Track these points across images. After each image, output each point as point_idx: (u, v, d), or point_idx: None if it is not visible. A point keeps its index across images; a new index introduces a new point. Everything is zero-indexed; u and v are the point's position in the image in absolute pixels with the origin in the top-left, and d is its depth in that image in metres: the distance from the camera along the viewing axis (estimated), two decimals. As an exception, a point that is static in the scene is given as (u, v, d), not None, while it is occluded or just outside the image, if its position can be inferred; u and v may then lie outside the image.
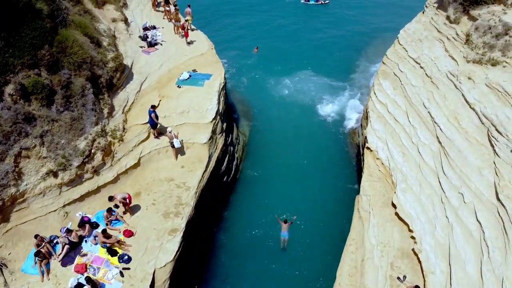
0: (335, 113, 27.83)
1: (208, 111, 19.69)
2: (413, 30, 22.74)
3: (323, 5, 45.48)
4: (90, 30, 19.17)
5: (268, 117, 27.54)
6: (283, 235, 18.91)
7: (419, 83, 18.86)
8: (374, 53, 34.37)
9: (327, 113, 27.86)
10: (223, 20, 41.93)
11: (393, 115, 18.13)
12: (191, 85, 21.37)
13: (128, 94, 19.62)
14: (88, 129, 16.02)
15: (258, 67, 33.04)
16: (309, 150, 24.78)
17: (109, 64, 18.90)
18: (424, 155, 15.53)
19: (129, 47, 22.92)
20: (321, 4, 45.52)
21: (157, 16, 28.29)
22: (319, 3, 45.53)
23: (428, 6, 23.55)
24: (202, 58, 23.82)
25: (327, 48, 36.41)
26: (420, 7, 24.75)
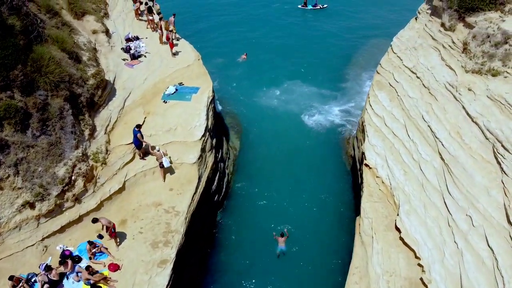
0: (327, 123, 27.02)
1: (196, 127, 18.66)
2: (406, 38, 22.03)
3: (321, 9, 44.65)
4: (68, 44, 17.96)
5: (258, 128, 26.60)
6: (280, 249, 18.37)
7: (416, 95, 18.11)
8: (367, 59, 33.69)
9: (319, 122, 27.02)
10: (210, 26, 40.91)
11: (391, 129, 17.33)
12: (177, 100, 20.31)
13: (111, 112, 18.46)
14: (67, 154, 14.84)
15: (247, 76, 32.06)
16: (301, 162, 23.95)
17: (89, 81, 17.72)
18: (427, 173, 14.73)
19: (111, 60, 21.73)
20: (319, 9, 44.65)
21: (140, 26, 27.13)
22: (317, 8, 44.65)
23: (421, 13, 22.88)
24: (188, 70, 22.76)
25: (319, 54, 35.51)
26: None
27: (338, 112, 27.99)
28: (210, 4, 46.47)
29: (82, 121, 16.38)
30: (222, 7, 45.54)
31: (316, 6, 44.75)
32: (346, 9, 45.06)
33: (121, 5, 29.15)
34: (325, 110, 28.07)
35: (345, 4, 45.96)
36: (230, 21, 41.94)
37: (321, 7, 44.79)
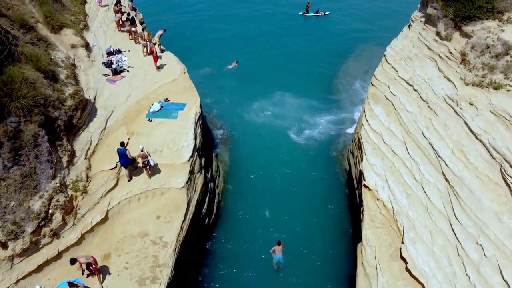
0: (320, 135, 26.12)
1: (184, 148, 17.54)
2: (400, 47, 21.24)
3: (323, 17, 43.70)
4: (43, 63, 16.72)
5: (249, 142, 25.57)
6: (276, 259, 17.80)
7: (414, 109, 17.28)
8: (363, 68, 32.92)
9: (311, 135, 26.11)
10: (201, 32, 39.87)
11: (390, 147, 16.45)
12: (163, 118, 19.17)
13: (92, 134, 17.24)
14: (43, 185, 13.60)
15: (237, 85, 31.00)
16: (294, 176, 23.04)
17: (67, 102, 16.49)
18: (431, 195, 13.86)
19: (91, 76, 20.51)
20: (321, 16, 43.72)
21: (122, 38, 25.92)
22: (319, 15, 43.74)
23: (414, 21, 22.13)
24: (174, 84, 21.63)
25: (313, 62, 34.59)
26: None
27: (330, 124, 27.11)
28: (199, 11, 45.38)
29: (60, 147, 15.14)
30: (213, 12, 44.55)
31: (317, 13, 43.84)
32: (347, 17, 44.13)
33: (102, 15, 27.94)
34: (317, 122, 27.17)
35: (347, 12, 45.08)
36: (222, 28, 40.94)
37: (323, 14, 43.88)
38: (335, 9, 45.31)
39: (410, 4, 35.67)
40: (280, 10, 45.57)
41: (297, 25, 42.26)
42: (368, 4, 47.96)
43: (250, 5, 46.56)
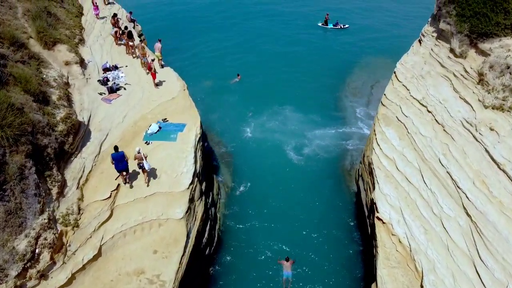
0: (325, 152, 25.05)
1: (183, 174, 16.44)
2: (411, 64, 20.17)
3: (342, 29, 42.25)
4: (33, 84, 15.66)
5: (251, 160, 24.49)
6: (285, 275, 17.19)
7: (429, 133, 16.17)
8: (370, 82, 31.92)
9: (316, 152, 25.04)
10: (202, 43, 38.91)
11: (404, 174, 15.33)
12: (161, 140, 18.09)
13: (85, 161, 16.16)
14: (30, 223, 12.49)
15: (239, 101, 29.98)
16: (299, 197, 22.01)
17: (58, 127, 15.41)
18: (452, 232, 12.73)
19: (86, 95, 19.47)
20: (339, 29, 42.29)
21: (120, 52, 24.91)
22: (338, 28, 42.34)
23: (425, 35, 21.05)
24: (173, 103, 20.58)
25: (320, 77, 33.44)
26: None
27: (336, 140, 26.04)
28: (205, 18, 44.44)
29: (49, 177, 14.04)
30: (218, 22, 43.60)
31: (337, 25, 42.45)
32: (367, 31, 42.50)
33: (99, 28, 26.96)
34: (322, 138, 26.11)
35: (367, 26, 43.42)
36: (226, 38, 39.98)
37: (342, 27, 42.47)
38: (355, 22, 43.66)
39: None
40: (296, 21, 44.37)
41: (310, 37, 40.99)
42: (390, 18, 45.98)
43: (261, 15, 45.54)
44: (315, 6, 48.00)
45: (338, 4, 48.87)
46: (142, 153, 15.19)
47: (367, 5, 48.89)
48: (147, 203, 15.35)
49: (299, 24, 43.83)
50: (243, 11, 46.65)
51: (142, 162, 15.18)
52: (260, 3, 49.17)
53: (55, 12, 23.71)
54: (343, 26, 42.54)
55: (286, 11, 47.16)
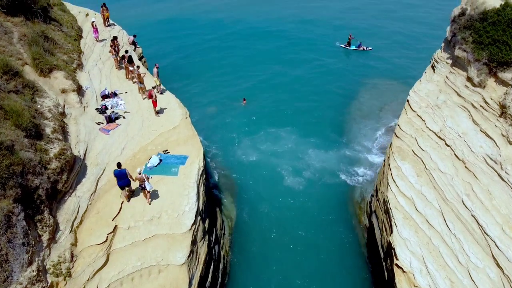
0: (334, 182, 23.98)
1: (185, 213, 15.30)
2: (425, 92, 19.19)
3: (364, 51, 40.84)
4: (25, 118, 14.61)
5: (256, 190, 23.41)
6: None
7: (449, 169, 15.08)
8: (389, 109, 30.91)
9: (324, 180, 23.98)
10: (206, 63, 37.98)
11: (425, 216, 14.19)
12: (162, 175, 17.00)
13: (79, 200, 15.03)
14: (16, 276, 11.31)
15: (244, 127, 29.04)
16: (307, 231, 20.90)
17: (51, 164, 14.32)
18: (482, 286, 11.52)
19: (82, 126, 18.44)
20: (362, 51, 40.93)
21: (119, 77, 23.99)
22: (360, 49, 41.01)
23: (439, 62, 20.11)
24: (174, 132, 19.54)
25: (326, 100, 32.48)
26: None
27: (344, 167, 24.97)
28: (206, 39, 43.66)
29: (40, 222, 12.90)
30: (224, 41, 42.86)
31: (359, 47, 41.12)
32: (390, 53, 40.69)
33: (98, 51, 26.09)
34: (330, 166, 25.05)
35: (391, 48, 41.64)
36: (232, 57, 39.25)
37: (365, 49, 41.10)
38: (379, 44, 41.80)
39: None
40: (317, 41, 43.27)
41: (329, 58, 39.76)
42: (417, 42, 43.92)
43: (272, 36, 44.70)
44: (326, 28, 46.90)
45: (354, 23, 47.86)
46: (143, 174, 14.95)
47: (383, 26, 47.78)
48: (146, 247, 14.19)
49: (315, 45, 42.85)
50: (249, 33, 45.86)
51: (144, 183, 14.95)
52: (270, 24, 48.46)
53: (52, 37, 22.82)
54: (366, 48, 41.06)
55: (302, 30, 46.40)
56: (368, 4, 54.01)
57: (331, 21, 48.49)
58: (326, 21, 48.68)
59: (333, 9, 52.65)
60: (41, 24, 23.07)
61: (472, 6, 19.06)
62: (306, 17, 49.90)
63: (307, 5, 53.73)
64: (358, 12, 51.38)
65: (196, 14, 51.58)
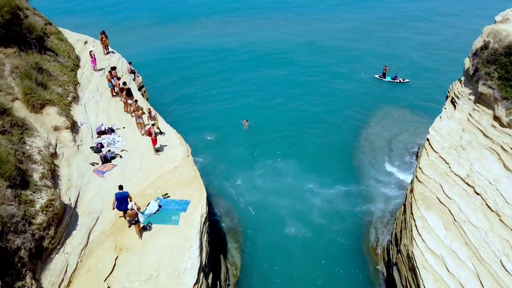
0: (345, 222, 22.35)
1: (186, 271, 13.66)
2: (447, 131, 17.76)
3: (401, 84, 38.43)
4: (10, 166, 13.10)
5: (262, 230, 21.83)
6: None
7: (482, 223, 13.50)
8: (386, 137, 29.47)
9: (335, 223, 22.36)
10: (208, 88, 36.74)
11: (458, 279, 12.54)
12: (161, 224, 15.41)
13: (68, 257, 13.40)
14: None
15: (246, 157, 27.62)
16: (317, 278, 19.09)
17: (37, 218, 12.76)
18: None
19: (75, 168, 16.94)
20: (398, 83, 38.55)
21: (118, 110, 22.66)
22: (396, 81, 38.65)
23: (460, 97, 18.77)
24: (175, 173, 18.03)
25: (335, 129, 30.91)
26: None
27: (356, 206, 23.37)
28: (210, 65, 42.51)
29: (20, 289, 11.25)
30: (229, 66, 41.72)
31: (395, 79, 38.77)
32: (428, 87, 37.85)
33: (96, 82, 24.85)
34: (339, 204, 23.50)
35: (429, 81, 38.78)
36: (237, 83, 38.04)
37: (401, 81, 38.68)
38: (416, 77, 39.24)
39: None
40: (354, 72, 41.10)
41: (361, 89, 37.55)
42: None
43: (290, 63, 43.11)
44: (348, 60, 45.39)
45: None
46: (135, 208, 14.17)
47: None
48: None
49: (353, 76, 40.71)
50: (256, 57, 44.65)
51: (137, 217, 14.20)
52: (280, 49, 47.38)
53: (47, 68, 21.56)
54: (403, 80, 38.66)
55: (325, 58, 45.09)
56: (407, 34, 51.77)
57: (359, 50, 46.70)
58: (351, 49, 46.79)
59: (370, 39, 50.35)
60: (35, 54, 21.84)
61: (495, 38, 17.81)
62: (324, 43, 48.54)
63: (330, 33, 51.96)
64: (393, 42, 49.32)
65: (199, 38, 50.62)
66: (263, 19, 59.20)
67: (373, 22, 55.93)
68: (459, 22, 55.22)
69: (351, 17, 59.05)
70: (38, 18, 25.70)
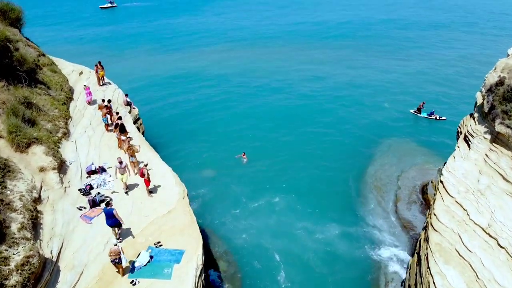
0: (352, 271, 20.59)
1: (178, 337, 12.12)
2: (462, 172, 16.49)
3: (437, 121, 36.32)
4: (-16, 218, 11.80)
5: (264, 279, 20.07)
6: None
7: (510, 281, 12.04)
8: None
9: (336, 271, 20.53)
10: (206, 123, 35.50)
11: None
12: (152, 278, 13.97)
13: (45, 323, 11.93)
14: None
15: (245, 195, 26.03)
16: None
17: (11, 279, 11.35)
18: None
19: (60, 214, 15.62)
20: (434, 120, 36.41)
21: (110, 146, 21.51)
22: (432, 118, 36.55)
23: (474, 136, 17.58)
24: (169, 218, 16.68)
25: (340, 164, 29.32)
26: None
27: (358, 250, 21.71)
28: (207, 96, 41.41)
29: None
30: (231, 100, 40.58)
31: (431, 115, 36.66)
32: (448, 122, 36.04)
33: (89, 116, 23.82)
34: (343, 248, 21.82)
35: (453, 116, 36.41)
36: (236, 117, 36.80)
37: (438, 118, 36.53)
38: (453, 115, 36.24)
39: None
40: (388, 107, 39.00)
41: (400, 123, 35.55)
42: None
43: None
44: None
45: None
46: (120, 246, 13.52)
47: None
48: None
49: (389, 111, 38.38)
50: (260, 88, 43.66)
51: (119, 257, 13.37)
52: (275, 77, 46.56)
53: (37, 102, 20.51)
54: (439, 117, 36.66)
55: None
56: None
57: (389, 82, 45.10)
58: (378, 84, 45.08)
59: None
60: (25, 88, 20.87)
61: (511, 74, 16.80)
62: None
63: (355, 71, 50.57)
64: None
65: (198, 68, 49.86)
66: (266, 47, 58.64)
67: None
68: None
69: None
70: (31, 50, 24.84)
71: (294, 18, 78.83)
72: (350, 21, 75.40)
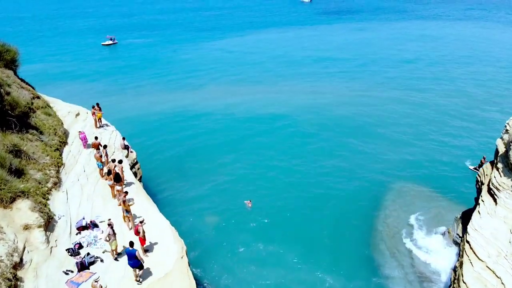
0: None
1: None
2: (490, 232, 14.94)
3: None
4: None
5: None
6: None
7: None
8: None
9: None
10: (210, 167, 33.85)
11: None
12: None
13: None
14: None
15: (251, 241, 24.56)
16: None
17: None
18: None
19: (44, 279, 13.95)
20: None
21: (105, 196, 19.98)
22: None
23: (500, 190, 16.13)
24: (166, 283, 14.97)
25: (349, 214, 27.70)
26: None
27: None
28: (208, 137, 39.95)
29: None
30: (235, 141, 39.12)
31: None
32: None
33: (83, 162, 22.42)
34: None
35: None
36: (239, 158, 35.33)
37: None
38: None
39: None
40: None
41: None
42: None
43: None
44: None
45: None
46: (99, 283, 12.99)
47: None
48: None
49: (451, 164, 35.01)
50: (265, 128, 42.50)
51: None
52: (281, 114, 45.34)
53: (27, 149, 19.18)
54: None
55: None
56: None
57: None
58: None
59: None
60: (15, 134, 19.60)
61: (538, 123, 15.52)
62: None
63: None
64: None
65: (198, 108, 48.26)
66: (274, 85, 57.28)
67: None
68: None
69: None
70: (24, 92, 23.78)
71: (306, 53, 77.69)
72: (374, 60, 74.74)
